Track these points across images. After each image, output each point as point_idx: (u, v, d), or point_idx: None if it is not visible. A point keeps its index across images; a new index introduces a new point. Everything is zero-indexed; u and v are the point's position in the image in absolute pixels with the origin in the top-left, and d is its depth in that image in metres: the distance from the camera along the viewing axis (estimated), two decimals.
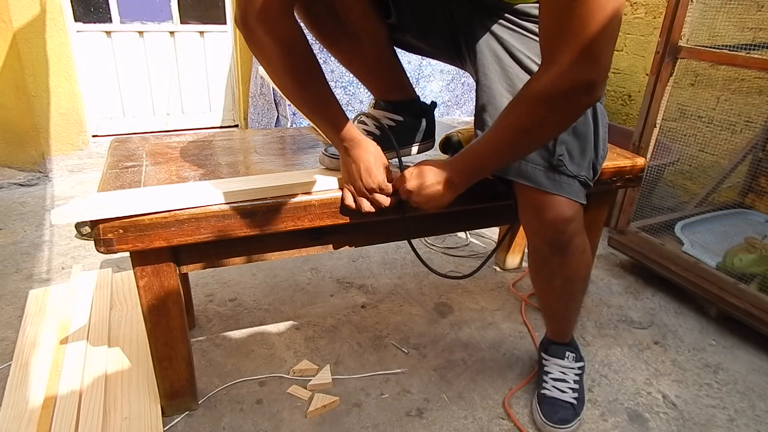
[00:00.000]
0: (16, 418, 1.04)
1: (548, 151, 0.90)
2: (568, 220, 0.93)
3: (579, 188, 0.93)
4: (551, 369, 1.19)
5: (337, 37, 1.00)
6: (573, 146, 0.91)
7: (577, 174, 0.92)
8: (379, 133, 1.07)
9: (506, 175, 0.92)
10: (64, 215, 0.85)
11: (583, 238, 1.00)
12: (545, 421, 1.11)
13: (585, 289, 1.14)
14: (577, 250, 0.99)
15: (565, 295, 1.09)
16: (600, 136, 0.94)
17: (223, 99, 3.00)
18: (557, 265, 1.01)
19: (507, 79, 0.92)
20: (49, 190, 2.33)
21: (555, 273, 1.03)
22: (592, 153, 0.94)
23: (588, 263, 1.07)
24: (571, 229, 0.94)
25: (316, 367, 1.27)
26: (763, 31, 1.88)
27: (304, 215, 0.99)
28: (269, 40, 0.81)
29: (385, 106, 1.09)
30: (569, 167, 0.91)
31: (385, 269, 1.76)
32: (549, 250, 0.99)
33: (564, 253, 0.99)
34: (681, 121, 2.05)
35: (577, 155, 0.92)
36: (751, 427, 1.18)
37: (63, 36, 2.30)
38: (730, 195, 1.94)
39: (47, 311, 1.38)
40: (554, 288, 1.07)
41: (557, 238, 0.96)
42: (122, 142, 1.25)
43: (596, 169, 0.97)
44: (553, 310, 1.17)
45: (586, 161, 0.94)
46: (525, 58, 0.91)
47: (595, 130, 0.93)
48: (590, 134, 0.92)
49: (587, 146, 0.93)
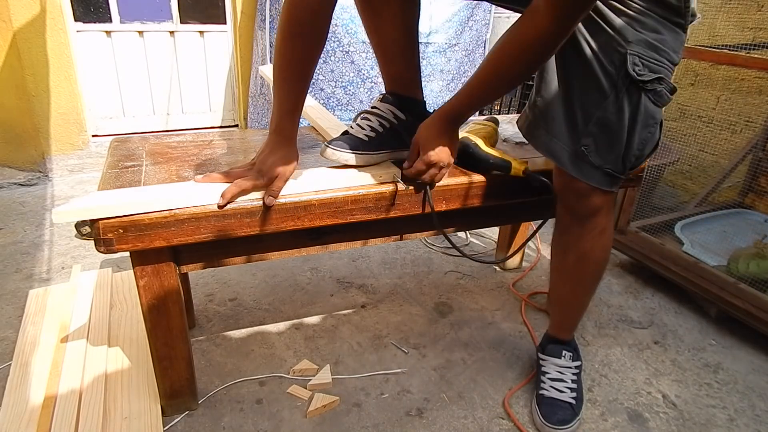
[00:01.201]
0: (16, 418, 1.04)
1: (575, 138, 0.94)
2: (588, 194, 0.98)
3: (602, 177, 0.97)
4: (548, 369, 1.19)
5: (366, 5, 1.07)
6: (600, 140, 0.94)
7: (600, 165, 0.95)
8: (382, 130, 1.08)
9: (538, 149, 0.99)
10: (65, 214, 0.85)
11: (606, 219, 1.04)
12: (544, 422, 1.11)
13: (597, 279, 1.14)
14: (596, 227, 1.03)
15: (577, 275, 1.12)
16: (636, 137, 0.94)
17: (223, 99, 3.00)
18: (574, 237, 1.06)
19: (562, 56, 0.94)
20: (49, 189, 2.33)
21: (570, 246, 1.08)
22: (622, 150, 0.95)
23: (605, 247, 1.08)
24: (593, 204, 0.99)
25: (316, 366, 1.27)
26: (763, 30, 1.88)
27: (304, 215, 0.98)
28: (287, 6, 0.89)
29: (393, 100, 1.11)
30: (592, 158, 0.95)
31: (385, 269, 1.76)
32: (569, 219, 1.05)
33: (582, 225, 1.04)
34: (681, 120, 2.05)
35: (603, 149, 0.94)
36: (751, 427, 1.18)
37: (63, 36, 2.30)
38: (730, 195, 1.94)
39: (47, 311, 1.38)
40: (567, 264, 1.11)
41: (577, 208, 1.02)
42: (122, 142, 1.25)
43: (626, 164, 0.97)
44: (562, 293, 1.18)
45: (613, 156, 0.95)
46: (585, 40, 0.91)
47: (631, 129, 0.93)
48: (622, 133, 0.93)
49: (616, 143, 0.94)
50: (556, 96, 0.95)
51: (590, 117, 0.92)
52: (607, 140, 0.93)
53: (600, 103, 0.91)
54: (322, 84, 2.44)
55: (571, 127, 0.94)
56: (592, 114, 0.92)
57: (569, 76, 0.93)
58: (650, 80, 0.89)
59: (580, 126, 0.93)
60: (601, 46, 0.89)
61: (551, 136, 0.97)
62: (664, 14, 0.88)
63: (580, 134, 0.94)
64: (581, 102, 0.93)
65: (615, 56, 0.88)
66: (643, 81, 0.88)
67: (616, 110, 0.91)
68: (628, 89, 0.89)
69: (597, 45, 0.89)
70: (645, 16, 0.87)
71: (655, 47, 0.88)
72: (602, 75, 0.89)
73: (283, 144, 0.97)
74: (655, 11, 0.87)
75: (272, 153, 0.96)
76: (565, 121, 0.95)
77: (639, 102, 0.90)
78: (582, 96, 0.92)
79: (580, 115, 0.93)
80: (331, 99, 2.49)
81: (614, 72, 0.89)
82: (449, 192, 1.09)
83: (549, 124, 0.97)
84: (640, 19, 0.87)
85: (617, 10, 0.87)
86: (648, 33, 0.87)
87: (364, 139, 1.05)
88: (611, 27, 0.88)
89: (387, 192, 1.03)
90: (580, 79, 0.92)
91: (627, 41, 0.87)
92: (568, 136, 0.95)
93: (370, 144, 1.06)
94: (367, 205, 1.02)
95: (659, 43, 0.88)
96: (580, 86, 0.92)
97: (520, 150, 1.29)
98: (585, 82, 0.91)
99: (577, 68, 0.92)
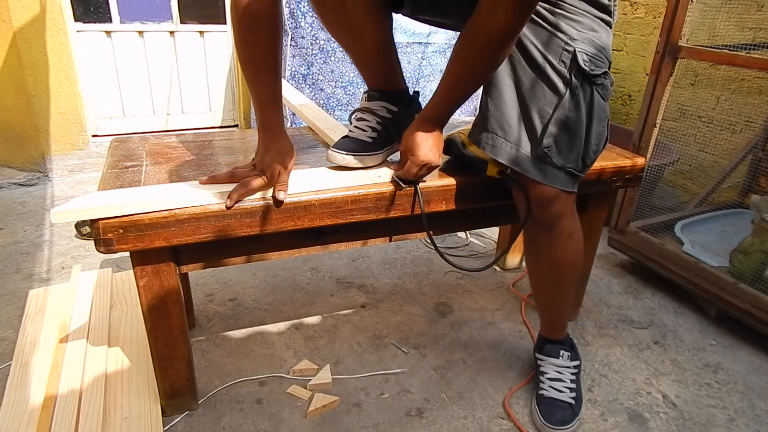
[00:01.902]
0: (16, 418, 1.04)
1: (537, 142, 0.94)
2: (551, 200, 0.98)
3: (565, 177, 0.97)
4: (547, 369, 1.19)
5: (338, 29, 1.07)
6: (561, 139, 0.95)
7: (563, 165, 0.96)
8: (381, 128, 1.09)
9: (499, 158, 0.97)
10: (64, 215, 0.85)
11: (571, 222, 1.05)
12: (544, 423, 1.11)
13: (574, 279, 1.15)
14: (563, 233, 1.04)
15: (553, 279, 1.12)
16: (593, 131, 0.97)
17: (223, 99, 3.00)
18: (544, 244, 1.07)
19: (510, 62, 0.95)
20: (49, 189, 2.33)
21: (542, 253, 1.09)
22: (582, 147, 0.97)
23: (576, 249, 1.09)
24: (556, 210, 1.00)
25: (316, 367, 1.27)
26: (763, 31, 1.88)
27: (304, 215, 0.99)
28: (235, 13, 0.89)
29: (380, 96, 1.12)
30: (555, 159, 0.95)
31: (385, 269, 1.76)
32: (535, 228, 1.06)
33: (550, 233, 1.04)
34: (681, 120, 2.06)
35: (564, 148, 0.95)
36: (751, 427, 1.18)
37: (63, 36, 2.30)
38: (730, 195, 1.94)
39: (47, 311, 1.38)
40: (542, 270, 1.12)
41: (542, 217, 1.02)
42: (122, 142, 1.25)
43: (585, 161, 1.00)
44: (543, 297, 1.19)
45: (574, 154, 0.97)
46: (530, 42, 0.93)
47: (588, 125, 0.96)
48: (581, 129, 0.95)
49: (576, 140, 0.96)
50: (510, 103, 0.95)
51: (548, 118, 0.93)
52: (567, 138, 0.95)
53: (555, 102, 0.92)
54: (322, 84, 2.44)
55: (530, 131, 0.95)
56: (548, 115, 0.93)
57: (520, 81, 0.94)
58: (599, 74, 0.93)
59: (538, 129, 0.94)
60: (549, 47, 0.92)
61: (511, 144, 0.96)
62: (596, 14, 0.93)
63: (540, 137, 0.94)
64: (536, 105, 0.93)
65: (564, 55, 0.91)
66: (594, 75, 0.92)
67: (573, 107, 0.93)
68: (581, 85, 0.92)
69: (544, 47, 0.92)
70: (581, 16, 0.92)
71: (595, 44, 0.93)
72: (554, 75, 0.92)
73: (274, 138, 0.98)
74: (589, 11, 0.92)
75: (267, 150, 0.96)
76: (522, 126, 0.95)
77: (593, 97, 0.94)
78: (536, 98, 0.93)
79: (537, 117, 0.94)
80: (331, 99, 2.49)
81: (565, 70, 0.91)
82: (448, 192, 1.09)
83: (506, 132, 0.96)
84: (577, 19, 0.92)
85: (557, 14, 0.91)
86: (588, 32, 0.92)
87: (368, 141, 1.07)
88: (555, 28, 0.91)
89: (387, 192, 1.03)
90: (533, 82, 0.93)
91: (573, 39, 0.91)
92: (528, 141, 0.95)
93: (375, 144, 1.08)
94: (367, 205, 1.03)
95: (598, 41, 0.93)
96: (533, 89, 0.93)
97: None
98: (537, 85, 0.93)
99: (528, 72, 0.93)
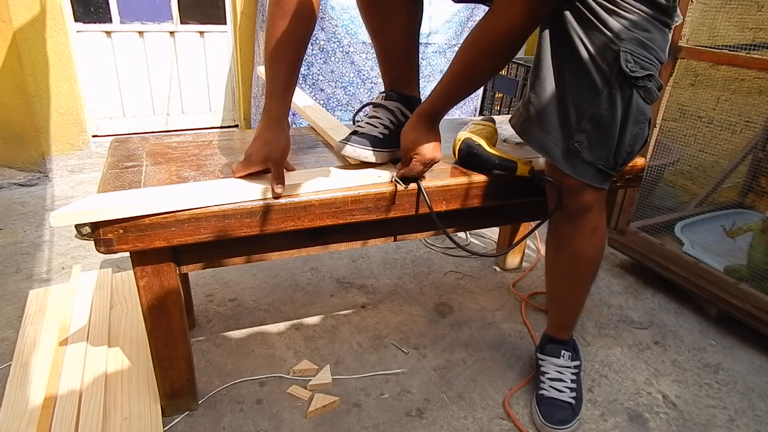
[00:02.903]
0: (16, 418, 1.04)
1: (568, 134, 0.95)
2: (580, 191, 0.99)
3: (594, 173, 0.98)
4: (548, 369, 1.19)
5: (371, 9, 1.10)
6: (593, 136, 0.95)
7: (593, 162, 0.96)
8: (394, 128, 1.10)
9: (531, 144, 0.99)
10: (63, 218, 0.84)
11: (597, 217, 1.05)
12: (544, 422, 1.11)
13: (590, 277, 1.14)
14: (588, 225, 1.05)
15: (570, 273, 1.12)
16: (627, 132, 0.96)
17: (223, 99, 3.00)
18: (567, 235, 1.07)
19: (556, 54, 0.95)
20: (49, 190, 2.33)
21: (563, 243, 1.09)
22: (614, 146, 0.97)
23: (597, 245, 1.09)
24: (584, 201, 1.01)
25: (316, 367, 1.27)
26: (763, 31, 1.88)
27: (304, 215, 0.99)
28: None
29: (398, 98, 1.13)
30: (585, 154, 0.96)
31: (385, 269, 1.76)
32: (561, 216, 1.07)
33: (574, 223, 1.05)
34: (681, 121, 2.05)
35: (596, 145, 0.96)
36: (751, 427, 1.18)
37: (63, 36, 2.30)
38: (730, 195, 1.94)
39: (47, 311, 1.38)
40: (561, 262, 1.12)
41: (569, 205, 1.03)
42: (122, 142, 1.25)
43: (617, 160, 0.99)
44: (557, 292, 1.19)
45: (605, 152, 0.97)
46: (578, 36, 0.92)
47: (623, 126, 0.95)
48: (614, 129, 0.95)
49: (608, 140, 0.95)
50: (550, 94, 0.96)
51: (583, 114, 0.93)
52: (599, 136, 0.95)
53: (593, 99, 0.92)
54: (323, 84, 2.44)
55: (565, 123, 0.95)
56: (585, 111, 0.93)
57: (563, 74, 0.94)
58: (642, 77, 0.91)
59: (573, 123, 0.94)
60: (596, 44, 0.90)
61: (545, 133, 0.98)
62: (653, 14, 0.90)
63: (574, 131, 0.95)
64: (575, 99, 0.94)
65: (608, 54, 0.90)
66: (635, 77, 0.90)
67: (609, 106, 0.92)
68: (620, 86, 0.91)
69: (591, 44, 0.91)
70: (636, 15, 0.89)
71: (645, 45, 0.90)
72: (596, 72, 0.91)
73: (271, 126, 0.99)
74: (645, 11, 0.90)
75: (259, 137, 0.98)
76: (558, 118, 0.96)
77: (631, 98, 0.92)
78: (575, 93, 0.93)
79: (573, 112, 0.94)
80: (332, 99, 2.49)
81: (607, 69, 0.90)
82: (449, 192, 1.09)
83: (543, 121, 0.97)
84: (631, 18, 0.89)
85: (609, 10, 0.89)
86: (639, 32, 0.90)
87: (379, 137, 1.08)
88: (605, 26, 0.89)
89: (387, 192, 1.03)
90: (574, 77, 0.93)
91: (620, 39, 0.89)
92: (562, 133, 0.96)
93: (386, 141, 1.08)
94: (367, 205, 1.03)
95: (649, 42, 0.91)
96: (573, 84, 0.93)
97: (520, 150, 1.28)
98: (579, 80, 0.93)
99: (572, 66, 0.93)
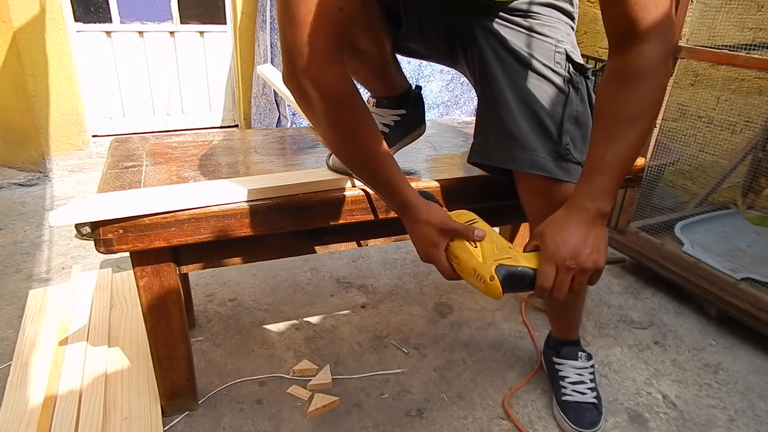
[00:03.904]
0: (16, 418, 1.04)
1: (555, 142, 0.95)
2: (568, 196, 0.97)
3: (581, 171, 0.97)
4: (567, 372, 1.17)
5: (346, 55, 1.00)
6: (576, 135, 0.95)
7: (580, 160, 0.96)
8: (388, 131, 1.09)
9: (522, 168, 0.95)
10: (63, 217, 0.84)
11: None
12: (575, 428, 1.10)
13: None
14: None
15: None
16: None
17: (223, 99, 3.00)
18: None
19: (507, 74, 0.95)
20: (49, 190, 2.33)
21: None
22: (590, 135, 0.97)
23: None
24: None
25: (316, 367, 1.27)
26: (763, 31, 1.88)
27: (305, 215, 0.99)
28: (317, 94, 0.77)
29: (388, 103, 1.11)
30: (574, 154, 0.95)
31: (385, 269, 1.76)
32: None
33: None
34: (681, 121, 2.05)
35: (579, 143, 0.96)
36: (751, 427, 1.18)
37: (63, 36, 2.30)
38: (730, 195, 1.94)
39: (47, 311, 1.38)
40: None
41: None
42: (122, 142, 1.25)
43: None
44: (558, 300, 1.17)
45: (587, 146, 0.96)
46: (521, 51, 0.94)
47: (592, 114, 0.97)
48: (590, 122, 0.96)
49: (588, 133, 0.97)
50: (515, 114, 0.94)
51: (560, 118, 0.94)
52: (580, 132, 0.96)
53: (562, 101, 0.94)
54: None
55: (547, 134, 0.94)
56: (559, 114, 0.94)
57: (525, 92, 0.94)
58: (589, 68, 0.97)
59: (553, 130, 0.94)
60: (542, 52, 0.94)
61: (531, 152, 0.94)
62: (565, 20, 0.97)
63: (559, 136, 0.94)
64: (546, 108, 0.94)
65: (557, 56, 0.94)
66: (586, 68, 0.95)
67: (579, 101, 0.95)
68: (580, 80, 0.95)
69: (538, 53, 0.93)
70: (556, 23, 0.95)
71: (574, 44, 0.97)
72: (553, 75, 0.93)
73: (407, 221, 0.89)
74: (560, 18, 0.96)
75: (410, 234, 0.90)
76: (535, 132, 0.94)
77: (588, 88, 0.97)
78: (544, 103, 0.94)
79: (549, 120, 0.94)
80: None
81: (563, 70, 0.93)
82: (449, 192, 1.09)
83: (521, 141, 0.94)
84: (555, 25, 0.95)
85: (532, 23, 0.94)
86: (566, 36, 0.96)
87: None
88: (540, 34, 0.94)
89: None
90: (535, 87, 0.94)
91: (559, 41, 0.94)
92: (546, 143, 0.94)
93: None
94: (367, 205, 1.03)
95: (574, 39, 0.98)
96: (538, 95, 0.94)
97: None
98: (540, 88, 0.94)
99: (528, 78, 0.94)
